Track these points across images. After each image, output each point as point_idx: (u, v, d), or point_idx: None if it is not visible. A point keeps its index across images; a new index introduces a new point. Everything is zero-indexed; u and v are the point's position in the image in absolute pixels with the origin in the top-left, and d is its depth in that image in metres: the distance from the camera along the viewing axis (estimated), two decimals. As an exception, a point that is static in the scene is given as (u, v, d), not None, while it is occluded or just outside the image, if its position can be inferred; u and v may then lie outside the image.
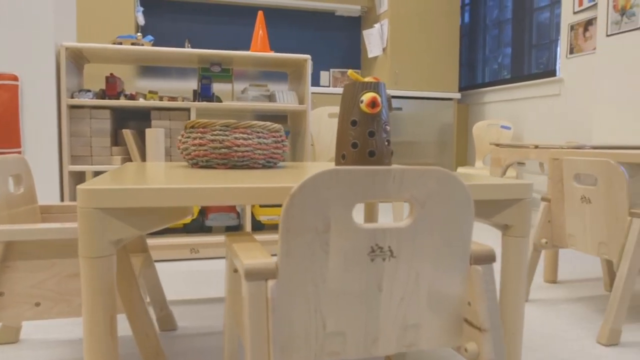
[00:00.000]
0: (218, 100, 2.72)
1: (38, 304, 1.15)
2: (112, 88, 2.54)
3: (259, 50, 2.70)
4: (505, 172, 3.42)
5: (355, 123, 1.22)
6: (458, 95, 4.73)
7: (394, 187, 0.80)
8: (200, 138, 1.46)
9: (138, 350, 1.41)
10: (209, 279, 2.12)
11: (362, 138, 1.22)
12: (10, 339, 1.47)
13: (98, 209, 0.83)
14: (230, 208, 2.63)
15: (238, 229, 2.69)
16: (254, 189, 0.85)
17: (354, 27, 5.32)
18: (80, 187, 0.82)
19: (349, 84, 1.26)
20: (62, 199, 2.35)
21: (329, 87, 5.22)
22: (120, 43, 2.60)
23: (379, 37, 4.78)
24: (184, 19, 4.81)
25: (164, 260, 2.43)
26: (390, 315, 0.85)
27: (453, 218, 0.84)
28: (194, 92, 2.72)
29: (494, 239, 3.01)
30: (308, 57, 2.58)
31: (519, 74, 4.56)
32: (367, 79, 1.25)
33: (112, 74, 2.54)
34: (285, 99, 2.63)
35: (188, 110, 2.60)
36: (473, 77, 5.32)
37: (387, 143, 1.24)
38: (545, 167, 4.13)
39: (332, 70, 5.23)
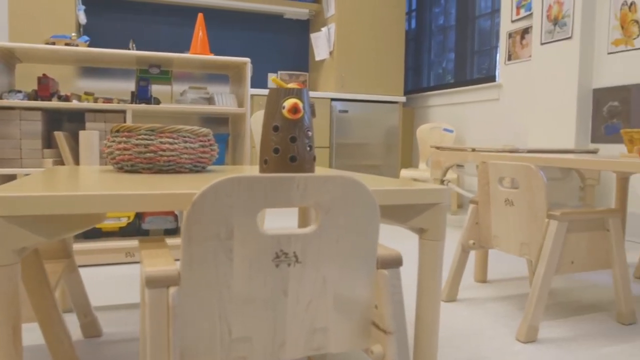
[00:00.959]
0: (157, 103, 2.67)
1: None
2: (44, 89, 2.46)
3: (199, 53, 2.67)
4: (445, 173, 3.51)
5: (277, 129, 1.23)
6: (403, 99, 4.82)
7: (298, 194, 0.81)
8: (125, 142, 1.44)
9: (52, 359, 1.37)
10: (143, 285, 2.08)
11: (283, 143, 1.23)
12: None
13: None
14: (168, 211, 2.59)
15: (176, 232, 2.65)
16: (154, 196, 0.84)
17: (303, 30, 5.34)
18: (-26, 194, 0.80)
19: (273, 90, 1.26)
20: (-12, 204, 2.26)
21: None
22: (54, 43, 2.52)
23: (326, 40, 4.81)
24: (129, 19, 4.70)
25: (99, 265, 2.37)
26: (298, 320, 0.86)
27: (358, 223, 0.86)
28: (132, 94, 2.67)
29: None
30: (247, 60, 2.57)
31: (462, 79, 4.69)
32: (290, 85, 1.26)
33: (44, 75, 2.46)
34: (225, 102, 2.61)
35: (124, 113, 2.55)
36: (419, 81, 5.43)
37: (309, 148, 1.25)
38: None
39: (280, 73, 5.23)
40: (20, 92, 2.39)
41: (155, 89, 2.95)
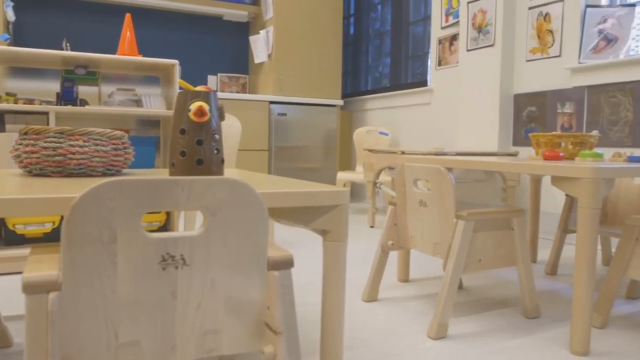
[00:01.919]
0: (83, 104, 2.61)
1: None
2: (-43, 89, 2.35)
3: (126, 54, 2.63)
4: (378, 175, 3.59)
5: (184, 131, 1.24)
6: (341, 102, 4.89)
7: (183, 196, 0.82)
8: (33, 145, 1.41)
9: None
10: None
11: (190, 147, 1.23)
12: None
13: None
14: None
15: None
16: (31, 200, 0.83)
17: (242, 32, 5.33)
18: None
19: (181, 93, 1.27)
20: None
21: (217, 91, 5.17)
22: (-31, 41, 2.41)
23: (265, 43, 4.82)
24: (62, 17, 4.55)
25: (20, 273, 2.28)
26: (188, 322, 0.87)
27: (247, 226, 0.88)
28: (57, 95, 2.59)
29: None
30: (176, 62, 2.55)
31: (397, 83, 4.81)
32: (198, 88, 1.27)
33: (-43, 74, 2.35)
34: (153, 104, 2.58)
35: (47, 115, 2.47)
36: (357, 84, 5.53)
37: (216, 151, 1.26)
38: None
39: (219, 75, 5.19)
40: None
41: (83, 90, 2.87)
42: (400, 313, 1.83)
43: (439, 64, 4.08)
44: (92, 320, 0.80)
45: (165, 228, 2.49)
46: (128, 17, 2.71)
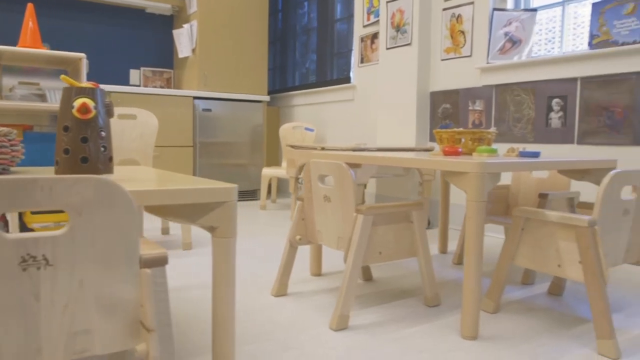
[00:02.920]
0: (-18, 99, 2.47)
1: None
2: None
3: (28, 46, 2.51)
4: (301, 171, 3.62)
5: (68, 129, 1.20)
6: (267, 98, 4.89)
7: (44, 196, 0.80)
8: None
9: None
10: None
11: (74, 144, 1.20)
12: None
13: None
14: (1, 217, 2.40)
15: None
16: None
17: (166, 26, 5.20)
18: None
19: (65, 89, 1.23)
20: None
21: (140, 86, 5.04)
22: None
23: (189, 37, 4.74)
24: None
25: None
26: (54, 324, 0.86)
27: (115, 225, 0.87)
28: (-48, 88, 2.44)
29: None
30: (83, 55, 2.47)
31: (323, 79, 4.86)
32: (83, 84, 1.24)
33: None
34: (58, 99, 2.48)
35: (-60, 109, 2.32)
36: (284, 80, 5.53)
37: (103, 149, 1.24)
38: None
39: (142, 69, 5.05)
40: None
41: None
42: (308, 307, 1.86)
43: (362, 62, 4.16)
44: (-56, 326, 0.77)
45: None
46: (30, 6, 2.59)
